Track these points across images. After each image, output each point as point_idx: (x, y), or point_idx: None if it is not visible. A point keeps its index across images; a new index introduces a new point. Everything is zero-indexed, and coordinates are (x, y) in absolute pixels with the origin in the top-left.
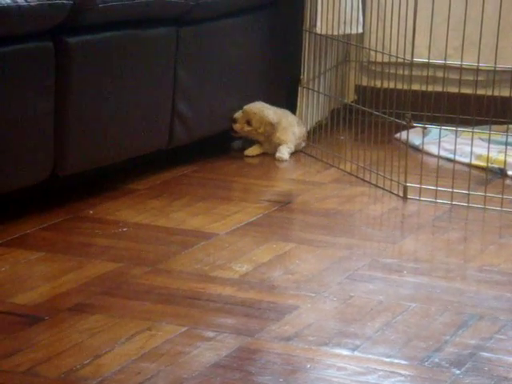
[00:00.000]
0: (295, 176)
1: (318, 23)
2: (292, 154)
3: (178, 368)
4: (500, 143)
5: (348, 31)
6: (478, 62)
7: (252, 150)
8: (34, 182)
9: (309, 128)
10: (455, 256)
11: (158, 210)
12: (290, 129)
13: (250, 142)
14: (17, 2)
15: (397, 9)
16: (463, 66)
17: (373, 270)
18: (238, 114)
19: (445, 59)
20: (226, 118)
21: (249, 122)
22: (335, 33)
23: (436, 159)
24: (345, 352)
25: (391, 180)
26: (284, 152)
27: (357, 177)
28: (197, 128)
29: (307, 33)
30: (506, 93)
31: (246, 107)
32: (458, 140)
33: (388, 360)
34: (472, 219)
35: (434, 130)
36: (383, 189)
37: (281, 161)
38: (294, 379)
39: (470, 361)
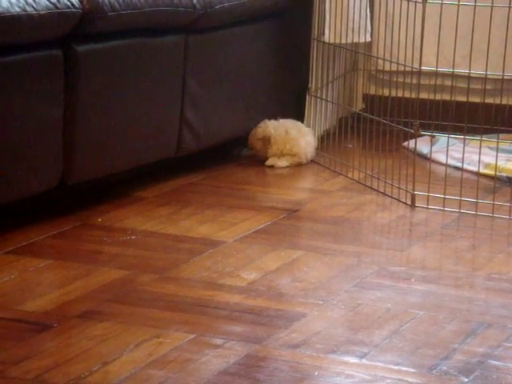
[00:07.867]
0: (303, 184)
1: (326, 32)
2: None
3: (186, 375)
4: (508, 152)
5: (356, 40)
6: (486, 71)
7: (275, 161)
8: (43, 190)
9: (317, 136)
10: (463, 264)
11: (166, 217)
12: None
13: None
14: (26, 11)
15: (405, 17)
16: (471, 75)
17: (381, 277)
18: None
19: (453, 68)
20: (234, 127)
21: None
22: (343, 41)
23: (444, 167)
24: (353, 360)
25: (399, 188)
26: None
27: (365, 185)
28: (205, 136)
29: (315, 41)
30: None
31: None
32: (466, 148)
33: (396, 368)
34: (480, 227)
35: (442, 138)
36: (391, 197)
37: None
38: None
39: (478, 369)
